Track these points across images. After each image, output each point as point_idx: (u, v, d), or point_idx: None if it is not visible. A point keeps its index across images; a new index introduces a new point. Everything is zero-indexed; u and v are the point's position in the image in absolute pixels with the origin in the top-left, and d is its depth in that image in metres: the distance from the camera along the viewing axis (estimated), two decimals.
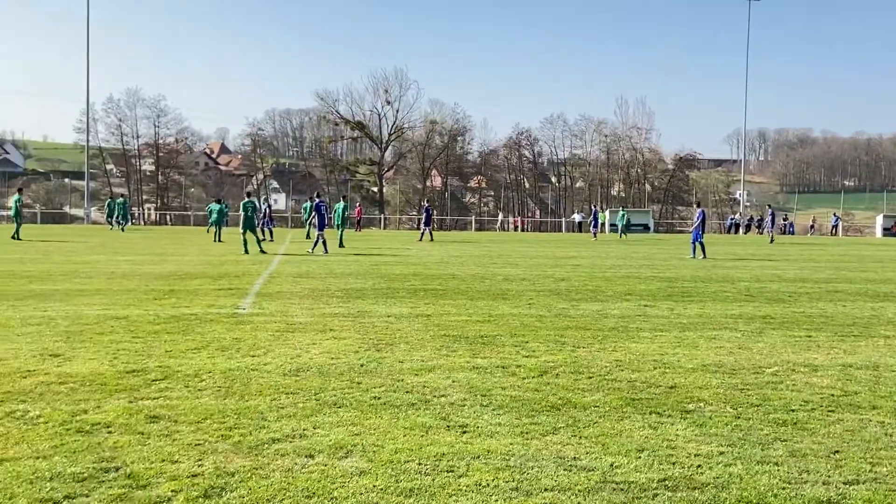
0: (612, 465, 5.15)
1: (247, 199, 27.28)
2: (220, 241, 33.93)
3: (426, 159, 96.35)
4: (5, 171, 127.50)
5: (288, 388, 7.08)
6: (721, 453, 5.46)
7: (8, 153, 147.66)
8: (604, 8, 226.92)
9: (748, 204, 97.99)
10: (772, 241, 45.87)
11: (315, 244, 27.42)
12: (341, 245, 30.92)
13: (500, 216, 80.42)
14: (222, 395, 6.78)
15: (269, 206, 40.87)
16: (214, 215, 36.69)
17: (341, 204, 33.38)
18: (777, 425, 6.20)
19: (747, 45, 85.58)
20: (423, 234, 41.11)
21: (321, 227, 27.75)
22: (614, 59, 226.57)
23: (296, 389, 7.02)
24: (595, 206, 59.22)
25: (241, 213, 26.95)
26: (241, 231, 26.61)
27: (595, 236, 48.46)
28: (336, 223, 32.40)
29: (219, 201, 38.40)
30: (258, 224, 32.85)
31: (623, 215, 54.11)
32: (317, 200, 29.38)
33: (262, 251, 26.31)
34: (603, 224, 52.77)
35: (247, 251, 26.04)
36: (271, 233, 37.56)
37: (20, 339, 9.39)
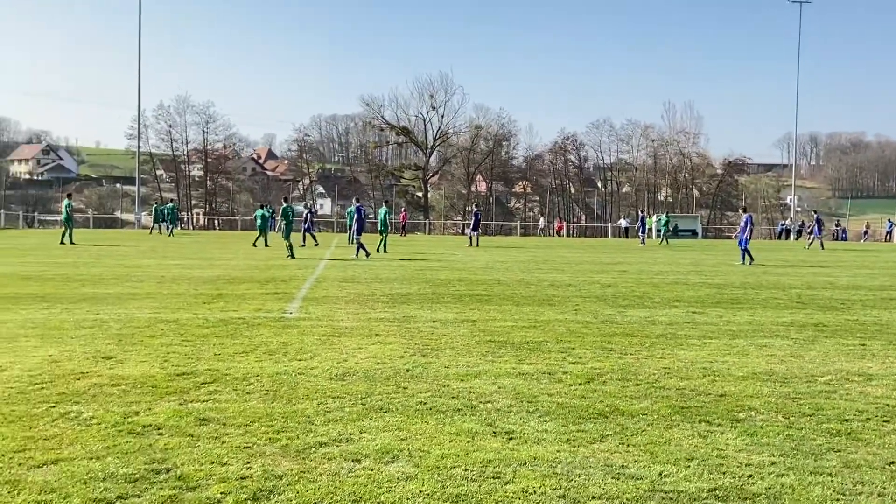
0: (660, 474, 5.09)
1: (286, 205, 27.71)
2: (266, 245, 34.29)
3: (471, 164, 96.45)
4: (59, 177, 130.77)
5: (334, 392, 7.13)
6: (773, 463, 5.37)
7: (62, 159, 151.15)
8: (651, 13, 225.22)
9: (799, 209, 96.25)
10: (822, 247, 45.02)
11: (358, 251, 27.64)
12: (385, 250, 31.05)
13: (542, 221, 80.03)
14: (270, 399, 6.84)
15: (312, 212, 41.12)
16: (263, 220, 37.12)
17: (383, 209, 33.55)
18: (830, 435, 6.07)
19: (798, 47, 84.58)
20: (471, 239, 41.00)
21: (359, 232, 27.97)
22: (662, 63, 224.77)
23: (342, 394, 7.06)
24: (642, 212, 58.58)
25: (281, 219, 27.37)
26: (284, 237, 27.03)
27: (643, 242, 48.01)
28: (379, 228, 32.59)
29: (262, 206, 38.81)
30: (300, 230, 33.32)
31: (664, 220, 53.47)
32: (356, 205, 29.58)
33: (292, 256, 26.58)
34: (649, 229, 52.18)
35: (292, 255, 26.39)
36: (314, 237, 37.69)
37: (74, 341, 9.59)
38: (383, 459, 5.27)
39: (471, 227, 42.06)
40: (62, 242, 33.63)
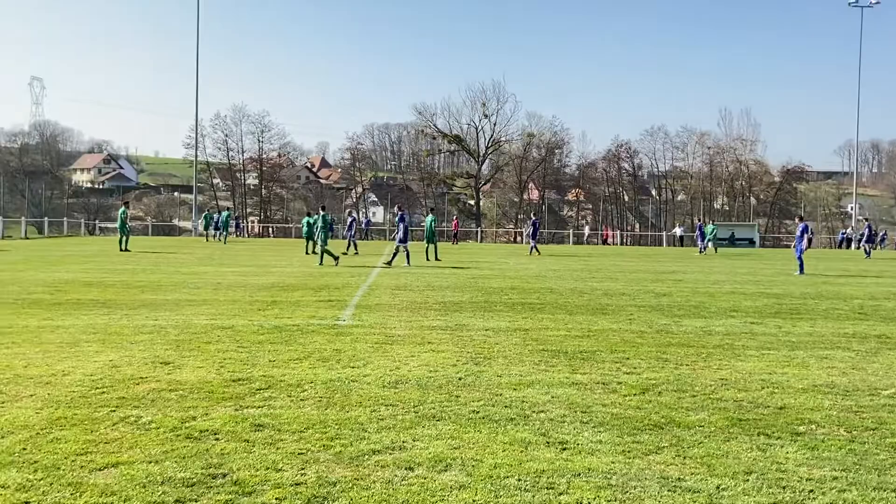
0: (718, 488, 5.01)
1: (324, 213, 28.05)
2: (314, 252, 34.65)
3: (523, 172, 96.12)
4: (120, 186, 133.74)
5: (387, 399, 7.16)
6: (834, 478, 5.24)
7: (122, 168, 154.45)
8: (707, 18, 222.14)
9: (860, 218, 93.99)
10: (867, 254, 43.99)
11: (393, 256, 27.76)
12: (437, 258, 31.11)
13: (587, 229, 79.20)
14: (324, 406, 6.90)
15: (354, 220, 41.25)
16: (308, 227, 37.42)
17: (430, 217, 33.63)
18: (894, 450, 5.91)
19: (859, 52, 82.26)
20: (532, 247, 40.97)
21: (404, 240, 28.11)
22: (718, 69, 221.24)
23: (395, 401, 7.09)
24: (700, 220, 57.71)
25: (320, 226, 27.63)
26: (321, 244, 27.31)
27: (702, 250, 47.30)
28: (426, 236, 32.71)
29: (309, 214, 39.16)
30: (345, 237, 33.70)
31: (711, 229, 52.43)
32: (399, 213, 29.74)
33: (321, 263, 26.82)
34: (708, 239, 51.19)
35: (336, 260, 26.82)
36: (355, 245, 37.78)
37: (133, 346, 9.79)
38: (436, 468, 5.27)
39: (530, 234, 41.97)
40: (122, 250, 34.41)
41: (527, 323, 12.66)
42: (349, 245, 37.15)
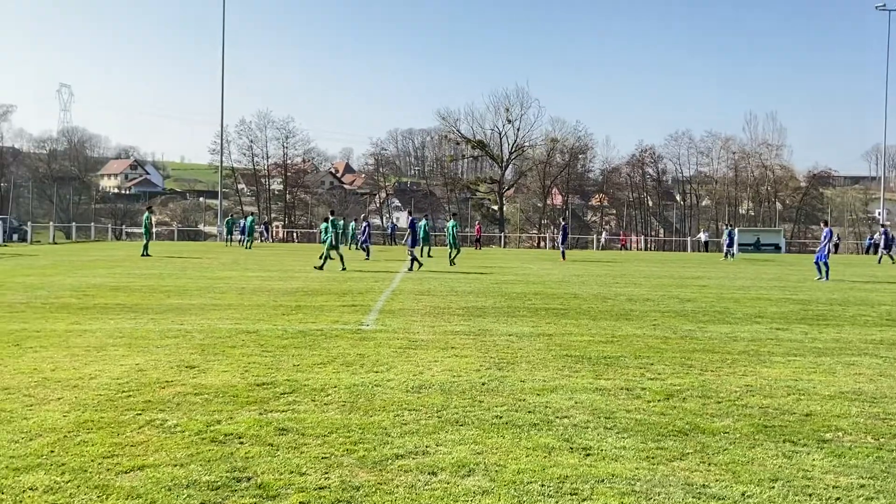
0: (743, 495, 4.97)
1: (333, 218, 28.32)
2: (330, 258, 34.73)
3: (547, 177, 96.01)
4: (146, 191, 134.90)
5: (411, 404, 7.17)
6: (861, 486, 5.18)
7: (149, 174, 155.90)
8: (730, 22, 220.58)
9: (888, 223, 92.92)
10: (893, 260, 43.40)
11: (411, 264, 27.79)
12: (451, 262, 31.16)
13: (604, 235, 78.71)
14: (347, 410, 6.92)
15: (369, 224, 41.10)
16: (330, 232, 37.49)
17: (451, 222, 33.70)
18: None
19: (887, 56, 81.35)
20: (563, 252, 40.80)
21: (413, 245, 28.32)
22: (743, 74, 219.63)
23: (418, 406, 7.10)
24: (730, 225, 57.05)
25: (329, 230, 27.74)
26: (333, 248, 27.42)
27: (732, 256, 46.87)
28: (448, 241, 32.84)
29: (326, 219, 39.28)
30: (354, 243, 33.96)
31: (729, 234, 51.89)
32: (410, 219, 29.85)
33: (320, 268, 26.88)
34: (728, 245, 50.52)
35: (321, 267, 26.93)
36: (367, 251, 37.65)
37: (159, 350, 9.88)
38: (459, 473, 5.27)
39: (560, 241, 41.76)
40: (143, 255, 34.55)
41: (550, 328, 12.63)
42: (368, 251, 37.07)
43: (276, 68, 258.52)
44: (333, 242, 27.40)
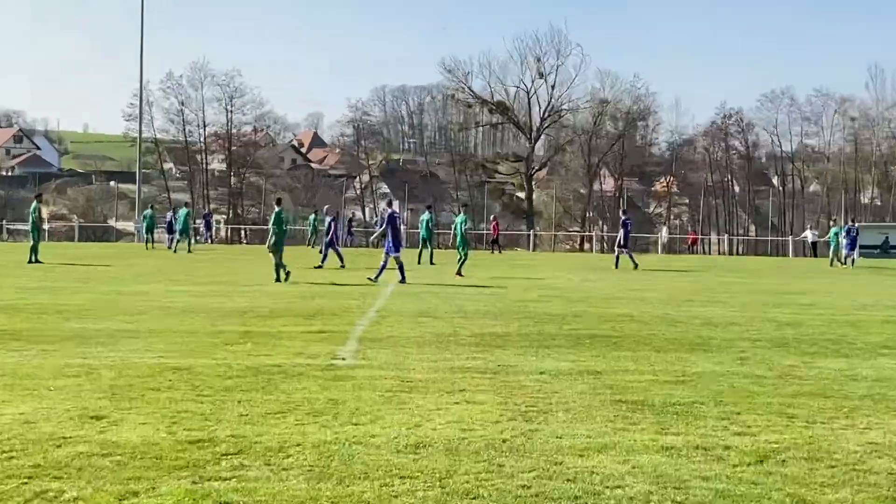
0: None
1: (278, 209, 28.25)
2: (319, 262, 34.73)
3: (593, 153, 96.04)
4: (35, 172, 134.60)
5: (403, 469, 7.16)
6: None
7: (39, 148, 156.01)
8: None
9: None
10: None
11: (402, 274, 27.43)
12: (458, 272, 30.89)
13: (664, 232, 78.72)
14: (315, 478, 6.92)
15: (335, 220, 39.83)
16: (313, 227, 37.55)
17: (460, 217, 33.62)
18: None
19: None
20: (618, 258, 39.78)
21: (396, 248, 27.75)
22: (864, 12, 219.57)
23: (414, 472, 7.09)
24: (853, 220, 56.84)
25: (273, 227, 27.65)
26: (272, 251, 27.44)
27: (849, 262, 46.79)
28: (457, 243, 32.61)
29: (316, 212, 39.31)
30: (331, 242, 33.96)
31: (835, 232, 51.67)
32: (389, 211, 29.66)
33: (278, 279, 26.85)
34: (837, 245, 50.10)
35: (278, 278, 27.01)
36: (340, 257, 36.55)
37: (53, 395, 9.88)
38: None
39: (620, 242, 40.59)
40: (30, 261, 34.20)
41: (597, 363, 12.64)
42: (325, 254, 36.44)
43: (219, 7, 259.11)
44: (272, 240, 27.41)
